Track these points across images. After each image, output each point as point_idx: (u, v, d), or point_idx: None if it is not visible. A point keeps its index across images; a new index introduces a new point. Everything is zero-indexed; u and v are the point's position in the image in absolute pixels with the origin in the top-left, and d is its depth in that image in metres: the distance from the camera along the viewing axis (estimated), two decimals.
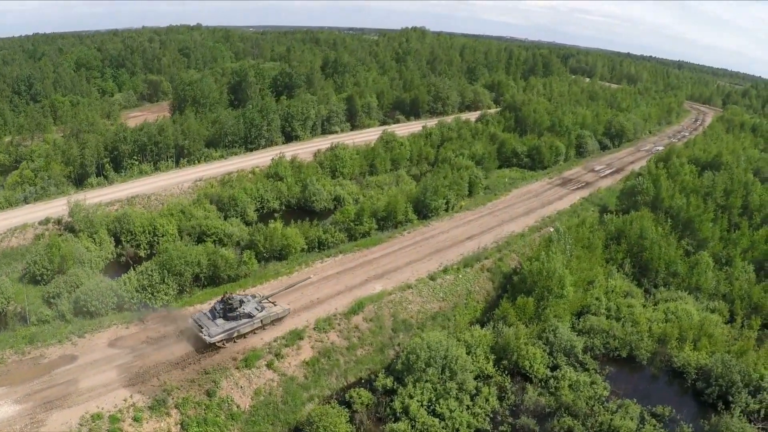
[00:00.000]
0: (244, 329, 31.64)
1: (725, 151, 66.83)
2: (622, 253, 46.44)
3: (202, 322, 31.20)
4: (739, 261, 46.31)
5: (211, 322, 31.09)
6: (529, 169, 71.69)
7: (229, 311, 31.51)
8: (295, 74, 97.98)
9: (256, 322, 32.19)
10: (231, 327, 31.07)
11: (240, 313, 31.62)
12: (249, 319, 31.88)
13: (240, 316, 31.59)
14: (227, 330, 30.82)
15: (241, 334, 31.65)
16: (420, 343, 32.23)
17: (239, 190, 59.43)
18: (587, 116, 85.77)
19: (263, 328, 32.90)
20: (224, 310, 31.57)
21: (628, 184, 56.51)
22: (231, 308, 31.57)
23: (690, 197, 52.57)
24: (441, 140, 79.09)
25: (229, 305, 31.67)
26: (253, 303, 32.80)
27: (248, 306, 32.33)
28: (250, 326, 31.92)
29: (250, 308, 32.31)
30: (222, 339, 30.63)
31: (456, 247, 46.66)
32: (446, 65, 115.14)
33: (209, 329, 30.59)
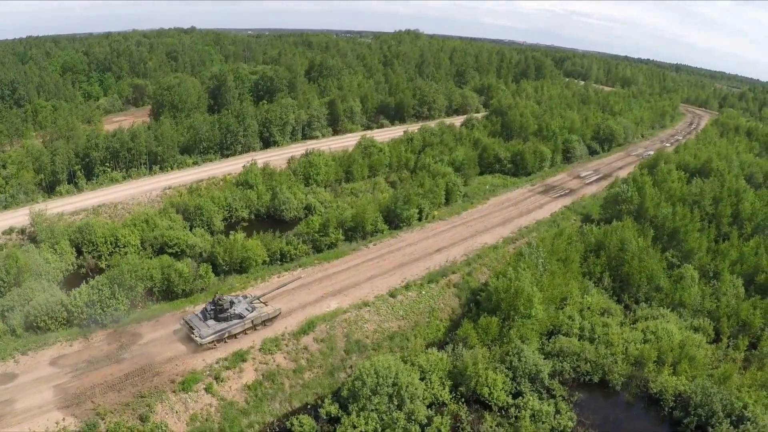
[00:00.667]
0: (235, 330, 31.59)
1: (716, 157, 63.79)
2: (601, 266, 43.47)
3: (194, 324, 31.18)
4: (727, 275, 43.25)
5: (203, 324, 31.08)
6: (512, 175, 68.83)
7: (220, 312, 31.39)
8: (276, 78, 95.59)
9: (247, 323, 32.12)
10: (222, 328, 31.05)
11: (231, 314, 31.53)
12: (240, 320, 31.81)
13: (231, 317, 31.52)
14: (218, 331, 30.83)
15: (232, 334, 31.55)
16: (367, 368, 29.54)
17: (206, 198, 57.35)
18: (575, 120, 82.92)
19: (254, 328, 32.71)
20: (215, 312, 31.47)
21: (611, 191, 53.58)
22: (222, 309, 31.43)
23: (676, 206, 49.59)
24: (422, 145, 76.34)
25: (219, 306, 31.50)
26: (244, 304, 32.67)
27: (239, 307, 32.21)
28: (241, 327, 31.87)
29: (241, 309, 32.20)
30: (213, 340, 30.66)
31: (423, 260, 43.93)
32: (434, 68, 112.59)
33: (200, 330, 30.60)
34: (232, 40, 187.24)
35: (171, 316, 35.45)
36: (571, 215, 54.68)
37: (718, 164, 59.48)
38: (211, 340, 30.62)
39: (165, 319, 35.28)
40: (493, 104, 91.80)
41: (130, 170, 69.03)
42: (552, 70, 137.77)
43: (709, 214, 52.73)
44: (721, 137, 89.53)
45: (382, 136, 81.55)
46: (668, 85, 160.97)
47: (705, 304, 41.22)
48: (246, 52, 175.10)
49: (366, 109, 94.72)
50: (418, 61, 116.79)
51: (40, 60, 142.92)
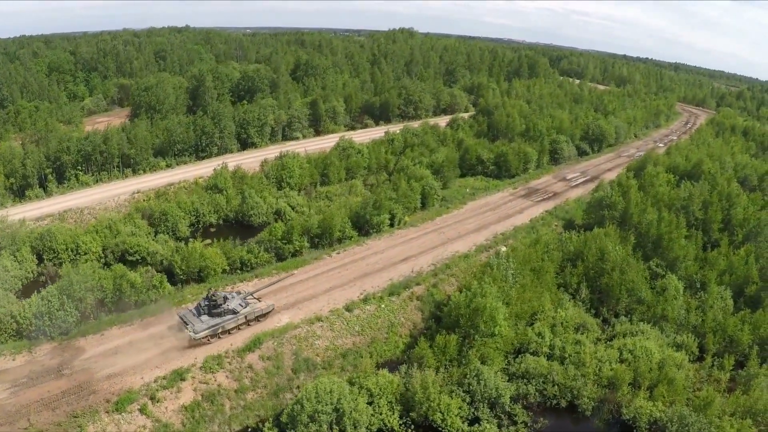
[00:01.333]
0: (229, 325, 31.68)
1: (707, 159, 60.57)
2: (578, 277, 40.48)
3: (187, 319, 31.26)
4: (714, 286, 40.15)
5: (196, 319, 31.15)
6: (495, 177, 65.85)
7: (214, 308, 31.44)
8: (257, 78, 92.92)
9: (241, 318, 32.24)
10: (215, 323, 31.21)
11: (224, 309, 31.56)
12: (233, 315, 31.84)
13: (224, 312, 31.56)
14: (212, 326, 31.01)
15: (225, 330, 31.64)
16: (308, 392, 27.03)
17: (173, 203, 55.09)
18: (564, 120, 79.77)
19: (248, 324, 32.75)
20: (209, 307, 31.49)
21: (595, 196, 50.56)
22: (215, 305, 31.47)
23: (662, 211, 46.52)
24: (404, 147, 73.51)
25: (213, 302, 31.52)
26: (237, 299, 32.65)
27: (233, 302, 32.20)
28: (235, 322, 31.96)
29: (235, 305, 32.19)
30: (206, 335, 30.79)
31: (387, 270, 41.12)
32: (422, 67, 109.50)
33: (194, 326, 30.66)
34: (224, 38, 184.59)
35: (117, 329, 33.69)
36: (552, 221, 51.64)
37: (709, 166, 56.30)
38: (204, 335, 30.60)
39: (111, 333, 33.79)
40: (480, 104, 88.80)
41: (101, 174, 67.19)
42: (546, 69, 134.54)
43: (699, 220, 49.65)
44: (717, 137, 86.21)
45: (365, 137, 78.94)
46: (665, 84, 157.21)
47: (690, 318, 38.20)
48: (238, 51, 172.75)
49: (350, 109, 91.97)
50: (407, 60, 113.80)
51: (26, 60, 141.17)
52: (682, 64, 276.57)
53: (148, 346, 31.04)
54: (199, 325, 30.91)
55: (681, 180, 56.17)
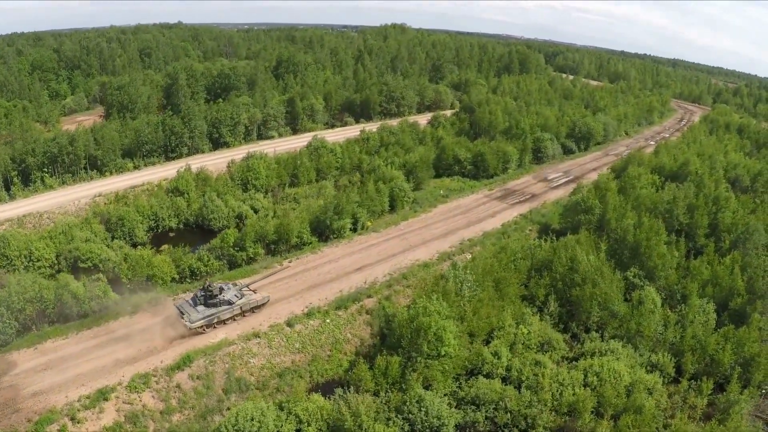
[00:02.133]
0: (224, 315, 32.15)
1: (696, 158, 56.95)
2: (546, 288, 37.14)
3: (184, 309, 31.77)
4: (696, 299, 36.73)
5: (192, 309, 31.63)
6: (472, 178, 62.45)
7: (210, 298, 31.85)
8: (233, 75, 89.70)
9: (236, 309, 32.63)
10: (211, 313, 31.67)
11: (220, 300, 31.97)
12: (229, 306, 32.30)
13: (220, 303, 31.99)
14: (207, 316, 31.45)
15: (221, 320, 32.09)
16: (229, 420, 24.27)
17: (131, 207, 52.56)
18: (550, 117, 76.20)
19: (243, 315, 33.08)
20: (205, 297, 31.98)
21: (572, 199, 47.16)
22: (211, 295, 31.90)
23: (643, 216, 43.08)
24: (379, 146, 70.23)
25: (209, 292, 32.00)
26: (233, 290, 33.02)
27: (228, 293, 32.62)
28: (230, 313, 32.39)
29: (230, 295, 32.60)
30: (202, 325, 31.18)
31: (338, 281, 37.98)
32: (407, 63, 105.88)
33: (190, 316, 31.14)
34: (214, 35, 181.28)
35: (52, 343, 31.95)
36: (526, 225, 48.22)
37: (696, 167, 52.70)
38: (200, 325, 31.15)
39: (45, 346, 32.20)
40: (463, 100, 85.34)
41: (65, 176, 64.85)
42: (538, 65, 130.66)
43: (684, 225, 46.20)
44: (710, 135, 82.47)
45: (343, 135, 75.80)
46: (661, 80, 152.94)
47: (667, 334, 34.79)
48: (228, 48, 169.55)
49: (330, 106, 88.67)
50: (393, 56, 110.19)
51: (9, 58, 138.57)
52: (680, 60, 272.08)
53: (78, 361, 29.55)
54: (195, 314, 31.39)
55: (667, 181, 52.73)
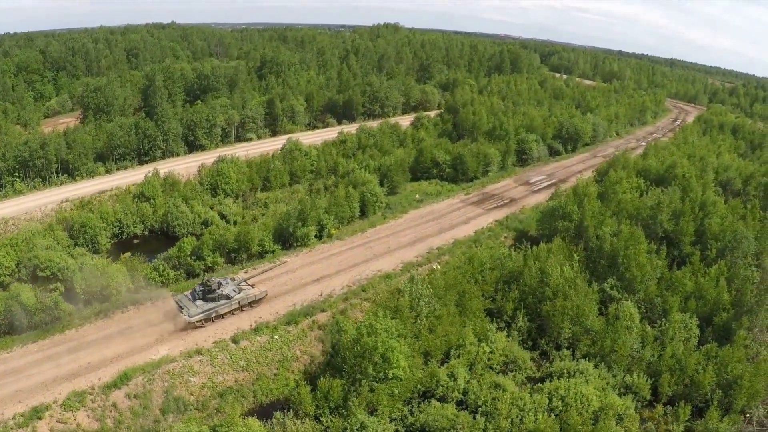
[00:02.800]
0: (222, 310, 32.26)
1: (685, 160, 54.08)
2: (514, 302, 34.44)
3: (183, 303, 31.96)
4: (676, 314, 33.96)
5: (191, 303, 31.83)
6: (451, 181, 59.77)
7: (208, 293, 32.08)
8: (212, 76, 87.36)
9: (234, 304, 32.68)
10: (210, 308, 31.78)
11: (218, 294, 32.10)
12: (227, 301, 32.36)
13: (218, 297, 32.10)
14: (206, 310, 31.62)
15: (219, 314, 32.17)
16: None
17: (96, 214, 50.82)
18: (536, 117, 73.46)
19: (241, 309, 33.14)
20: (204, 292, 32.21)
21: (548, 205, 44.45)
22: (210, 290, 32.13)
23: (623, 223, 40.31)
24: (357, 148, 67.70)
25: (208, 287, 32.22)
26: (231, 285, 33.21)
27: (227, 288, 32.74)
28: (228, 307, 32.45)
29: (229, 290, 32.72)
30: (200, 319, 31.46)
31: (292, 293, 35.60)
32: (394, 63, 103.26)
33: (189, 310, 31.32)
34: (204, 35, 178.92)
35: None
36: (501, 232, 45.48)
37: (684, 170, 49.84)
38: (198, 319, 31.37)
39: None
40: (447, 100, 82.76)
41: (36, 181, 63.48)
42: (530, 64, 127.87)
43: (669, 233, 43.39)
44: (704, 135, 79.58)
45: (325, 137, 73.52)
46: (657, 79, 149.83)
47: (644, 353, 32.02)
48: (218, 48, 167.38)
49: (311, 107, 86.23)
50: (380, 56, 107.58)
51: None
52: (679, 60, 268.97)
53: (20, 377, 28.18)
54: (193, 309, 31.50)
55: (652, 186, 49.94)
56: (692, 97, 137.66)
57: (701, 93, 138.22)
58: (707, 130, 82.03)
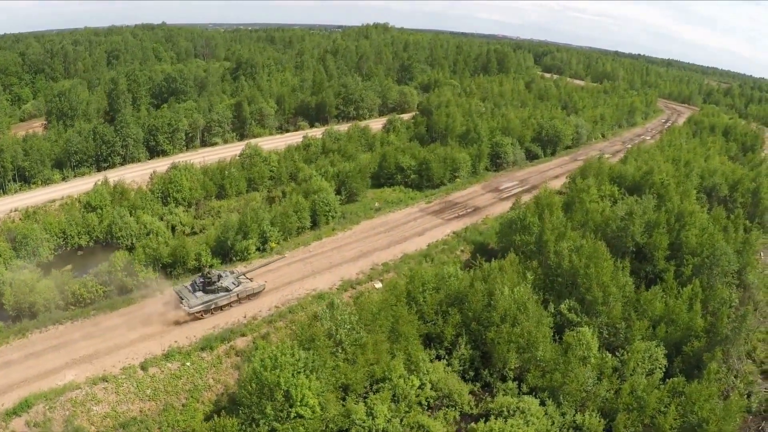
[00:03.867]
0: (221, 302, 32.60)
1: (664, 165, 49.92)
2: (455, 328, 30.55)
3: (183, 295, 32.35)
4: (640, 343, 29.94)
5: (191, 295, 32.19)
6: (416, 188, 56.01)
7: (208, 285, 32.47)
8: (180, 79, 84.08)
9: (233, 296, 33.05)
10: (209, 299, 32.12)
11: (218, 286, 32.51)
12: (226, 293, 32.79)
13: (218, 289, 32.50)
14: (205, 302, 31.95)
15: (218, 306, 32.54)
16: None
17: (40, 224, 48.46)
18: (513, 119, 69.52)
19: (239, 301, 33.45)
20: (203, 284, 32.62)
21: (507, 216, 40.56)
22: (210, 282, 32.53)
23: (587, 237, 36.34)
24: (322, 152, 64.07)
25: (208, 279, 32.65)
26: (230, 278, 33.56)
27: (226, 281, 33.12)
28: (227, 299, 32.82)
29: (228, 283, 33.07)
30: (200, 310, 31.78)
31: (214, 316, 32.19)
32: (372, 64, 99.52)
33: (189, 301, 31.69)
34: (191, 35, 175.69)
35: None
36: (458, 245, 41.55)
37: (662, 176, 45.71)
38: (198, 310, 31.68)
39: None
40: (422, 102, 79.05)
41: None
42: (519, 64, 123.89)
43: (642, 246, 39.34)
44: (694, 137, 75.33)
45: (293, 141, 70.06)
46: (651, 80, 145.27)
47: (599, 388, 28.05)
48: (205, 49, 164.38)
49: (283, 110, 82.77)
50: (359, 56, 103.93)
51: None
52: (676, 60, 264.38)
53: None
54: (193, 300, 31.76)
55: (627, 194, 45.89)
56: (686, 97, 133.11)
57: (695, 93, 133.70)
58: (697, 131, 77.74)
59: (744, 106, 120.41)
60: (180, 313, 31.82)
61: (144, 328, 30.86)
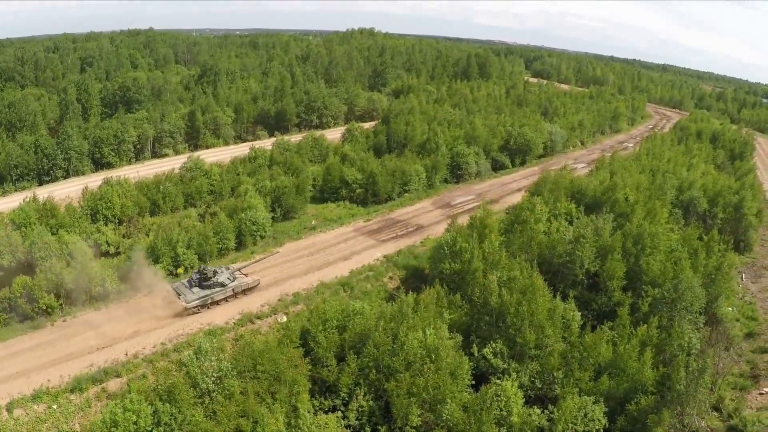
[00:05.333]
0: (218, 297, 33.03)
1: (627, 179, 44.37)
2: (351, 377, 25.30)
3: (180, 291, 32.74)
4: (572, 401, 24.51)
5: (188, 290, 32.64)
6: (361, 203, 51.00)
7: (204, 280, 32.95)
8: (134, 88, 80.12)
9: (229, 291, 33.46)
10: (205, 294, 32.58)
11: (214, 282, 32.97)
12: (222, 288, 33.17)
13: (214, 285, 32.95)
14: (202, 297, 32.39)
15: (214, 301, 32.95)
16: None
17: None
18: (478, 127, 64.39)
19: (235, 296, 33.74)
20: (200, 280, 33.05)
21: (439, 240, 35.30)
22: (206, 277, 33.02)
23: (523, 266, 30.97)
24: (270, 164, 59.34)
25: (204, 275, 33.17)
26: (226, 273, 33.99)
27: (221, 276, 33.53)
28: (223, 294, 33.23)
29: (224, 278, 33.49)
30: (197, 305, 32.15)
31: (95, 353, 27.70)
32: (341, 69, 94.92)
33: (186, 296, 32.12)
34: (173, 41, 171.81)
35: None
36: (386, 271, 36.29)
37: (625, 191, 40.16)
38: (195, 305, 32.14)
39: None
40: (383, 110, 74.36)
41: None
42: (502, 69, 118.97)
43: (591, 276, 33.88)
44: (679, 144, 69.71)
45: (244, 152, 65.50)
46: (642, 84, 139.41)
47: None
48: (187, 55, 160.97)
49: (241, 119, 78.41)
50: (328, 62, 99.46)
51: None
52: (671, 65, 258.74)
53: None
54: (190, 295, 32.24)
55: (588, 211, 40.41)
56: (677, 102, 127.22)
57: (687, 98, 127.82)
58: (683, 138, 72.04)
59: (737, 111, 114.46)
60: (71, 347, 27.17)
61: (20, 364, 26.37)
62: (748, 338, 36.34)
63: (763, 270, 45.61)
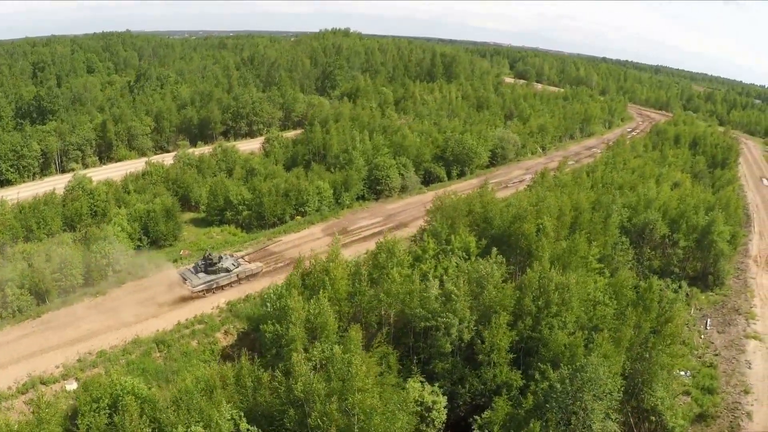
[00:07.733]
0: (222, 281, 33.32)
1: (561, 200, 35.04)
2: None
3: (186, 276, 33.30)
4: None
5: (194, 276, 33.22)
6: (248, 228, 42.59)
7: (210, 266, 33.44)
8: (47, 97, 72.86)
9: (233, 276, 33.89)
10: (210, 279, 32.92)
11: (219, 267, 33.46)
12: (227, 273, 33.65)
13: (219, 270, 33.44)
14: (207, 281, 32.76)
15: (219, 285, 33.18)
16: None
17: None
18: (408, 136, 55.56)
19: (239, 282, 34.06)
20: (205, 265, 33.59)
21: (265, 291, 26.59)
22: (211, 263, 33.53)
23: (352, 340, 22.07)
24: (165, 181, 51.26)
25: (209, 261, 33.67)
26: (230, 260, 34.54)
27: (226, 262, 34.04)
28: (227, 279, 33.62)
29: (228, 264, 33.98)
30: (203, 289, 32.49)
31: None
32: (285, 72, 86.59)
33: (192, 281, 32.71)
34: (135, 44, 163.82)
35: None
36: (221, 324, 27.76)
37: (539, 221, 30.81)
38: (201, 289, 32.09)
39: None
40: (308, 117, 66.05)
41: None
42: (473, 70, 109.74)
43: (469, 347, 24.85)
44: (654, 150, 60.10)
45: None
46: (628, 85, 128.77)
47: None
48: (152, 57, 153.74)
49: (161, 128, 70.65)
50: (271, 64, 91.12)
51: None
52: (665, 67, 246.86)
53: None
54: (196, 280, 32.41)
55: (496, 246, 31.24)
56: (664, 104, 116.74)
57: (674, 99, 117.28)
58: (658, 143, 62.37)
59: (726, 113, 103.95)
60: None
61: None
62: (699, 422, 27.01)
63: (733, 314, 35.89)
